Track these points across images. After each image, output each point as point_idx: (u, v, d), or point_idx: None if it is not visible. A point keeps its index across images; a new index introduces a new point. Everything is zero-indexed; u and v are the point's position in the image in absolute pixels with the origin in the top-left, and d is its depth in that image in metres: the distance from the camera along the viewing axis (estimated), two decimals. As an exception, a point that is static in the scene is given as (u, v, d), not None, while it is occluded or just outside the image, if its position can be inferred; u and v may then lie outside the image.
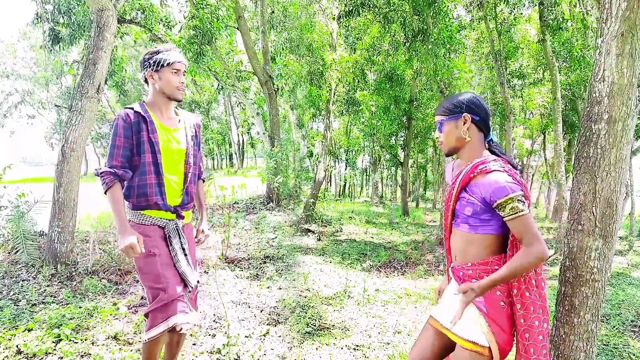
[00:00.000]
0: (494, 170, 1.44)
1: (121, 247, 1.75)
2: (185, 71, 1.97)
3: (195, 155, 2.05)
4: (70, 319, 2.99)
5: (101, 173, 1.83)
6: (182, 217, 2.02)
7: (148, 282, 1.87)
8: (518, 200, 1.39)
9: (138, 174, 1.88)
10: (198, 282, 2.05)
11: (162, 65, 1.89)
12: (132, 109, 1.88)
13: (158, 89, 1.93)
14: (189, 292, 1.99)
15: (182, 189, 2.00)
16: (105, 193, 1.83)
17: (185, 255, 1.99)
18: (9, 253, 4.39)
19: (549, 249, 8.84)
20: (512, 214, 1.40)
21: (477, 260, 1.53)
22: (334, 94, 10.17)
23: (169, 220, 1.96)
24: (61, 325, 2.85)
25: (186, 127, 2.05)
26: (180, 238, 1.98)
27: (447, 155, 1.67)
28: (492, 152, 1.58)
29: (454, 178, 1.62)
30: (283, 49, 11.94)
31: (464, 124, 1.55)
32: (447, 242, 1.68)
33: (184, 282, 1.94)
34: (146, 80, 1.95)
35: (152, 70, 1.90)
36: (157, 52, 1.91)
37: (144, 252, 1.85)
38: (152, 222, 1.92)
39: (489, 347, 1.44)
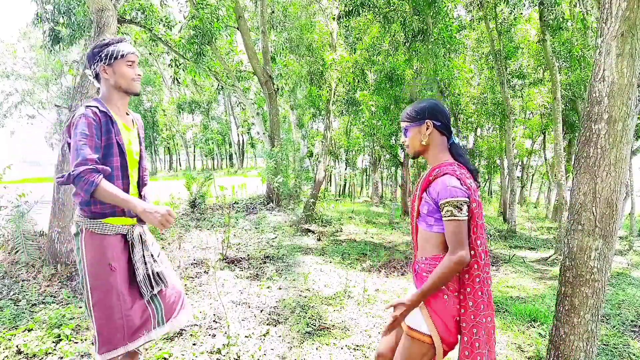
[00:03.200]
0: (446, 174, 1.58)
1: (158, 219, 1.56)
2: (136, 61, 1.83)
3: (144, 155, 1.96)
4: (70, 319, 2.99)
5: (79, 174, 1.55)
6: (144, 222, 1.85)
7: (101, 297, 1.69)
8: (454, 205, 1.52)
9: (107, 179, 1.68)
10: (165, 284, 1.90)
11: (116, 58, 1.75)
12: (97, 107, 1.71)
13: (113, 84, 1.77)
14: (158, 291, 1.86)
15: (139, 192, 1.91)
16: (92, 194, 1.58)
17: (153, 258, 1.88)
18: (9, 253, 4.39)
19: (549, 248, 8.86)
20: (447, 216, 1.54)
21: (430, 255, 1.66)
22: (334, 94, 10.17)
23: (131, 225, 1.80)
24: (61, 325, 2.85)
25: (138, 127, 1.95)
26: (142, 244, 1.84)
27: (413, 157, 1.79)
28: (453, 155, 1.70)
29: (418, 180, 1.76)
30: (283, 49, 11.94)
31: (427, 129, 1.67)
32: (414, 239, 1.79)
33: (140, 293, 1.80)
34: (97, 76, 1.79)
35: (104, 64, 1.75)
36: (107, 45, 1.76)
37: (104, 267, 1.69)
38: (115, 230, 1.74)
39: (430, 336, 1.55)
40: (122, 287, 1.73)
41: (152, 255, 1.88)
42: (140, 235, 1.84)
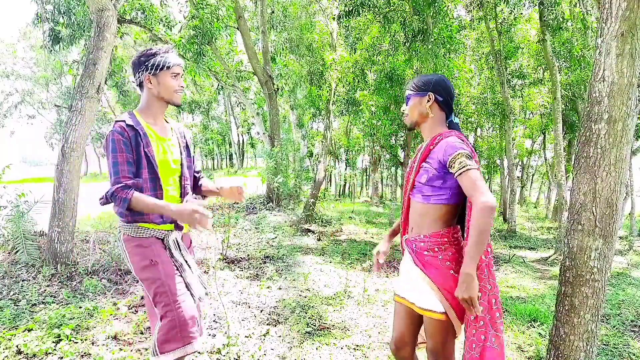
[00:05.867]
0: (449, 137, 1.61)
1: (192, 218, 1.56)
2: (182, 74, 1.86)
3: (189, 167, 1.96)
4: (70, 319, 2.99)
5: (112, 193, 1.64)
6: (181, 228, 1.89)
7: (159, 291, 1.70)
8: (466, 155, 1.52)
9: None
10: (206, 294, 1.91)
11: (162, 69, 1.76)
12: (124, 121, 1.73)
13: (156, 94, 1.79)
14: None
15: (180, 201, 1.88)
16: (128, 209, 1.66)
17: (190, 267, 1.88)
18: (9, 253, 4.39)
19: (549, 249, 8.85)
20: (460, 169, 1.50)
21: (429, 232, 1.65)
22: (334, 94, 10.17)
23: (168, 231, 1.83)
24: (61, 325, 2.85)
25: (178, 137, 1.94)
26: (180, 250, 1.86)
27: (410, 129, 1.83)
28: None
29: (416, 153, 1.76)
30: (283, 49, 11.94)
31: (428, 101, 1.70)
32: (404, 214, 1.79)
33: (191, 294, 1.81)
34: (140, 84, 1.80)
35: (149, 73, 1.75)
36: (154, 54, 1.77)
37: (147, 263, 1.72)
38: (150, 234, 1.78)
39: (446, 313, 1.58)
40: (169, 279, 1.73)
41: (193, 265, 1.90)
42: (177, 241, 1.86)
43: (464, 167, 1.49)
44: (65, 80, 25.54)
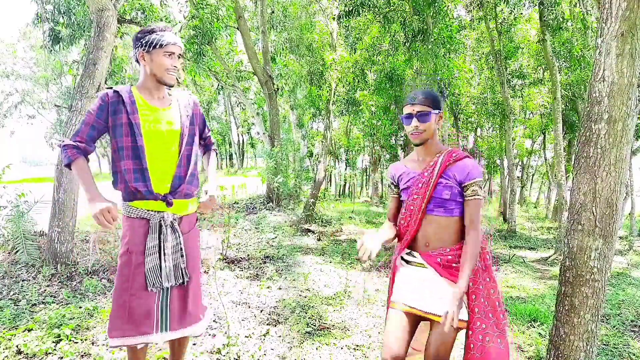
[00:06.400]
0: (465, 157, 1.70)
1: (94, 214, 1.55)
2: (180, 54, 1.82)
3: (192, 135, 1.89)
4: (70, 319, 2.98)
5: (64, 145, 1.70)
6: (171, 205, 1.79)
7: (116, 279, 1.75)
8: (479, 185, 1.66)
9: (117, 159, 1.75)
10: (182, 283, 1.83)
11: (155, 46, 1.73)
12: (112, 89, 1.76)
13: (148, 72, 1.78)
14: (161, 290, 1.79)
15: (173, 174, 1.81)
16: (68, 166, 1.71)
17: (181, 253, 1.81)
18: (9, 253, 4.39)
19: (549, 249, 8.85)
20: (473, 196, 1.65)
21: (453, 245, 1.71)
22: (334, 94, 10.16)
23: (156, 212, 1.78)
24: (61, 325, 2.85)
25: (180, 107, 1.89)
26: (166, 234, 1.78)
27: (418, 145, 1.78)
28: None
29: (428, 168, 1.75)
30: (283, 49, 11.94)
31: (441, 118, 1.76)
32: (413, 228, 1.77)
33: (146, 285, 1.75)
34: (138, 60, 1.80)
35: (143, 50, 1.74)
36: (151, 32, 1.75)
37: (123, 248, 1.74)
38: (138, 214, 1.76)
39: (467, 320, 1.66)
40: (132, 272, 1.73)
41: (181, 250, 1.82)
42: (172, 224, 1.80)
43: (476, 195, 1.65)
44: (65, 80, 25.51)
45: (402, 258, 1.85)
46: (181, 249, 1.83)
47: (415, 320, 1.76)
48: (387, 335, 1.72)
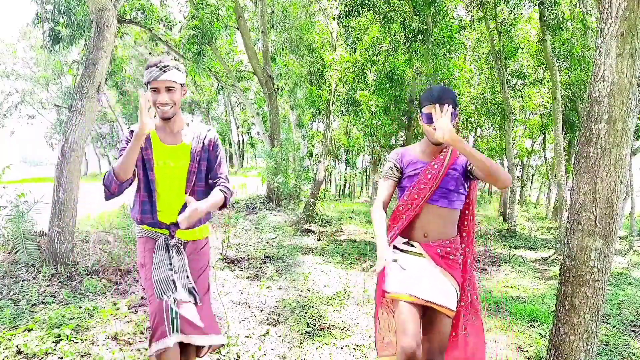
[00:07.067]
0: None
1: (140, 128, 1.65)
2: (169, 87, 1.79)
3: (199, 172, 1.95)
4: (70, 319, 2.98)
5: (104, 177, 1.83)
6: (173, 235, 1.92)
7: (147, 288, 1.86)
8: None
9: (136, 189, 1.93)
10: (195, 303, 1.86)
11: (146, 84, 1.81)
12: (132, 127, 1.86)
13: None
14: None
15: (181, 207, 1.91)
16: (116, 177, 1.76)
17: (187, 274, 1.88)
18: (9, 253, 4.38)
19: (549, 249, 8.84)
20: None
21: (452, 237, 1.79)
22: (334, 94, 10.17)
23: (162, 234, 1.92)
24: (61, 325, 2.85)
25: (193, 142, 1.93)
26: (170, 254, 1.88)
27: (438, 144, 1.78)
28: None
29: (437, 160, 1.78)
30: (283, 49, 11.92)
31: (457, 117, 1.80)
32: (411, 215, 1.79)
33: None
34: None
35: (145, 88, 1.83)
36: (146, 68, 1.81)
37: (141, 261, 1.93)
38: (146, 234, 1.94)
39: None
40: (148, 284, 1.84)
41: (185, 271, 1.90)
42: (167, 245, 1.92)
43: None
44: (65, 80, 25.50)
45: (397, 247, 1.85)
46: (186, 270, 1.90)
47: (420, 310, 1.77)
48: (405, 325, 1.65)
